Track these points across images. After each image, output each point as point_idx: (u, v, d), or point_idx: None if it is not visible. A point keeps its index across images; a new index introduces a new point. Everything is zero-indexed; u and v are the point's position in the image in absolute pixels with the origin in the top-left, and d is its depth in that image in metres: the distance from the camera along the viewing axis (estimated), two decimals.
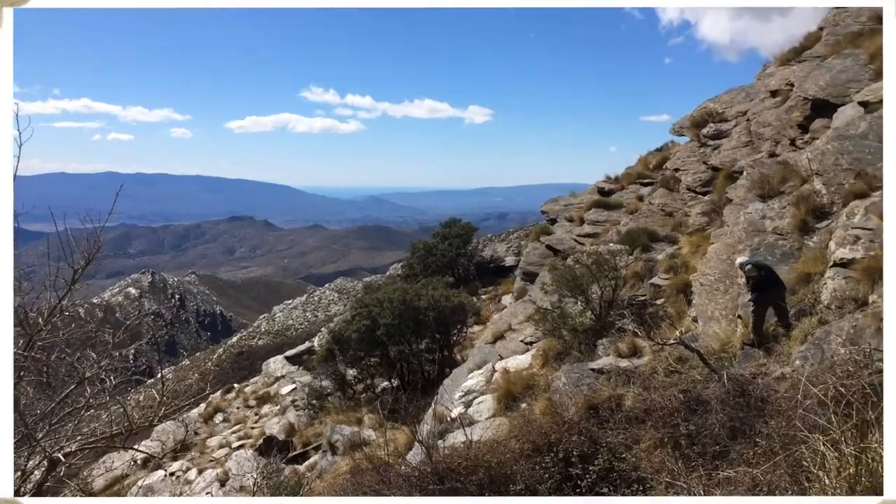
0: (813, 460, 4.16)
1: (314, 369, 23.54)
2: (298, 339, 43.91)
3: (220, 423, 24.96)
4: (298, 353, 31.28)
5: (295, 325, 57.20)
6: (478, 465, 7.24)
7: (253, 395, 27.50)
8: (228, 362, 49.14)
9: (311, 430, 19.21)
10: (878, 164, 10.75)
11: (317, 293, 67.24)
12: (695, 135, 21.15)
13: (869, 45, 14.61)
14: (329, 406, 20.13)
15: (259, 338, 55.16)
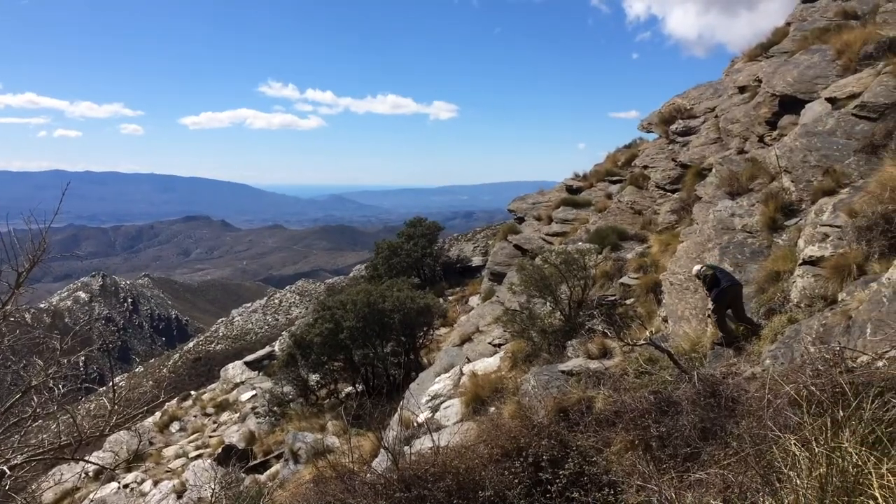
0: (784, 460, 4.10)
1: (275, 375, 23.17)
2: (258, 344, 43.29)
3: (176, 433, 24.41)
4: (258, 359, 30.82)
5: (254, 330, 56.35)
6: (446, 472, 7.11)
7: (211, 402, 26.97)
8: (185, 369, 48.24)
9: (272, 438, 18.82)
10: (845, 160, 10.91)
11: (277, 296, 66.40)
12: (663, 131, 21.33)
13: (836, 40, 14.85)
14: (291, 413, 19.76)
15: (217, 343, 54.19)
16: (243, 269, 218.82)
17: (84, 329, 7.01)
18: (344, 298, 20.35)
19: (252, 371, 29.65)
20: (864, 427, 3.89)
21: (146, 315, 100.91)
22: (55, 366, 5.97)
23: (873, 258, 8.44)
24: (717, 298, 9.48)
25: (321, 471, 9.29)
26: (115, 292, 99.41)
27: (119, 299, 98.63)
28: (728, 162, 14.45)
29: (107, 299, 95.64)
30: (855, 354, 6.06)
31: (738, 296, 9.53)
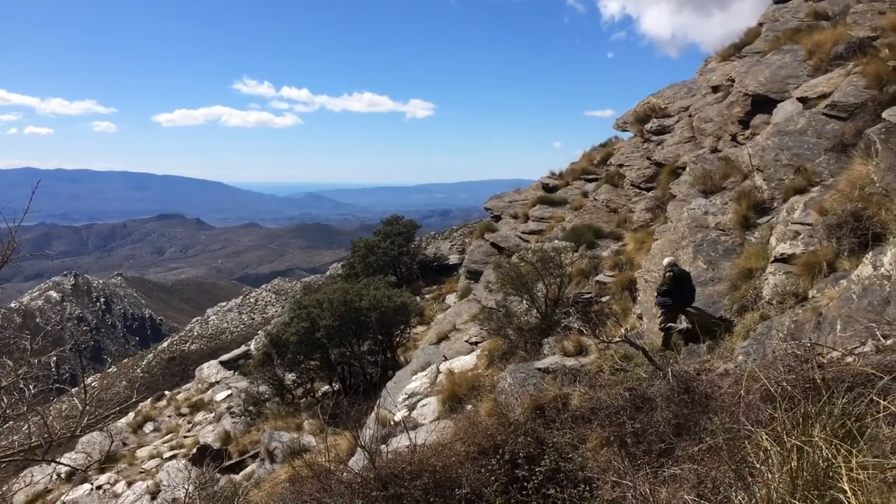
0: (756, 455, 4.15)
1: (251, 374, 22.99)
2: (234, 343, 42.93)
3: (150, 433, 24.15)
4: (234, 358, 30.58)
5: (230, 329, 55.85)
6: (422, 470, 7.10)
7: (185, 402, 26.72)
8: (159, 368, 47.72)
9: (247, 438, 18.67)
10: (816, 159, 11.07)
11: (253, 295, 65.87)
12: (638, 130, 21.49)
13: (807, 41, 15.05)
14: (267, 412, 19.61)
15: (192, 342, 53.63)
16: (218, 268, 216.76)
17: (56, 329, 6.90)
18: (320, 297, 20.23)
19: (227, 370, 29.41)
20: (835, 422, 3.94)
21: (119, 314, 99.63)
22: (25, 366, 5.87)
23: (843, 255, 8.58)
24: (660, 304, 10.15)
25: (297, 470, 9.24)
26: (88, 292, 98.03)
27: (91, 299, 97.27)
28: (702, 160, 14.60)
29: (79, 299, 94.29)
30: (825, 350, 6.14)
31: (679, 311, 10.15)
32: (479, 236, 24.98)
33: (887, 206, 8.47)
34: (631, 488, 5.34)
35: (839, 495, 3.33)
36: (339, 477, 7.71)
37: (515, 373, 10.91)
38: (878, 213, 8.53)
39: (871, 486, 3.28)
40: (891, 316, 6.43)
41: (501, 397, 10.14)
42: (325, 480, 7.64)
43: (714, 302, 10.25)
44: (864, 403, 4.19)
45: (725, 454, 4.80)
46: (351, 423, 12.16)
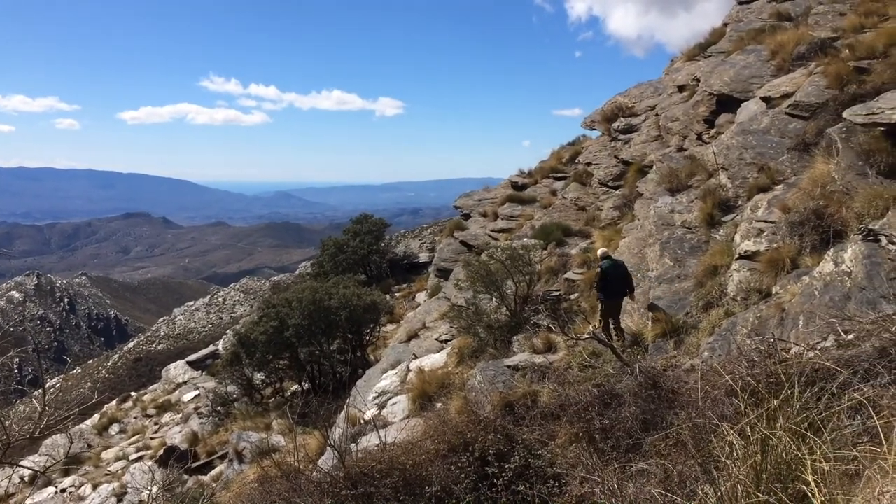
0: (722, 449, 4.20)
1: (219, 374, 22.73)
2: (201, 343, 42.44)
3: (116, 435, 23.77)
4: (201, 358, 30.25)
5: (197, 329, 55.17)
6: (392, 468, 7.08)
7: (152, 403, 26.37)
8: (125, 369, 46.99)
9: (216, 439, 18.47)
10: (779, 158, 11.26)
11: (221, 294, 65.15)
12: (606, 129, 21.66)
13: (770, 41, 15.30)
14: (235, 412, 19.42)
15: (158, 342, 52.88)
16: (185, 267, 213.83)
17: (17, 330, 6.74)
18: (289, 296, 20.08)
19: (195, 371, 29.09)
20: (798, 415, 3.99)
21: (84, 315, 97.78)
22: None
23: (805, 252, 8.73)
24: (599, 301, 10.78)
25: (266, 470, 9.14)
26: (51, 292, 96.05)
27: (55, 299, 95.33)
28: (668, 159, 14.77)
29: (42, 299, 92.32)
30: (788, 346, 6.25)
31: (617, 305, 10.74)
32: (449, 234, 24.99)
33: (848, 203, 8.65)
34: (599, 484, 5.38)
35: (803, 487, 3.38)
36: (309, 476, 7.66)
37: (485, 370, 10.94)
38: (839, 210, 8.70)
39: (834, 478, 3.34)
40: (851, 311, 6.56)
41: (471, 395, 10.16)
42: (295, 480, 7.58)
43: (680, 299, 10.38)
44: (826, 397, 4.26)
45: (692, 448, 4.85)
46: (320, 423, 12.06)
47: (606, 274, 10.51)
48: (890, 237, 7.15)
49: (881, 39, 12.02)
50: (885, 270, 6.86)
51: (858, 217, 8.17)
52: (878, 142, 9.07)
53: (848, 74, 11.69)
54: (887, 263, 6.93)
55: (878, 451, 3.41)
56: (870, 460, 3.41)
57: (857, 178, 8.93)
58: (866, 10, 14.09)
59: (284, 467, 8.24)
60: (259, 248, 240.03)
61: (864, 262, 7.14)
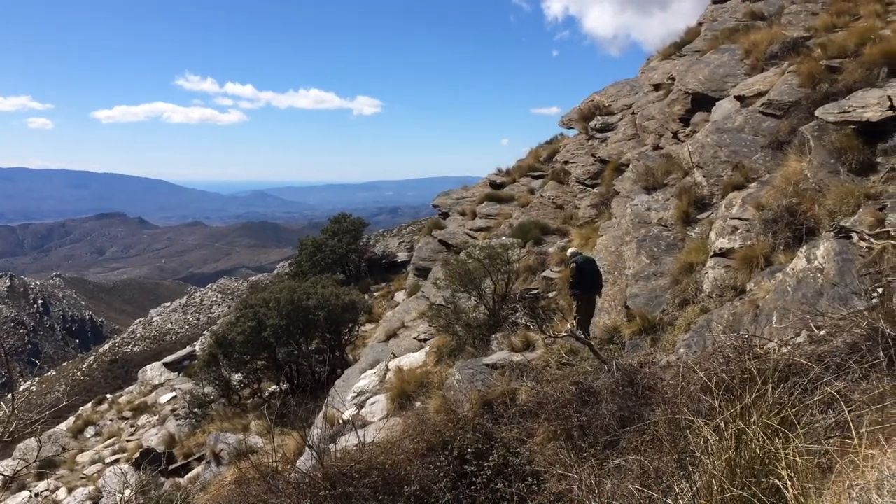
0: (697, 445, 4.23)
1: (196, 375, 22.55)
2: (178, 344, 42.05)
3: (91, 438, 23.53)
4: (178, 359, 30.01)
5: (174, 330, 54.63)
6: (371, 468, 7.06)
7: (128, 405, 26.12)
8: (100, 371, 46.42)
9: (193, 441, 18.32)
10: (753, 156, 11.38)
11: (198, 294, 64.58)
12: (583, 127, 21.78)
13: (744, 40, 15.46)
14: (213, 414, 19.27)
15: (134, 344, 52.30)
16: (162, 268, 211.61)
17: None
18: (267, 296, 19.96)
19: (172, 372, 28.85)
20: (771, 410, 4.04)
21: (58, 317, 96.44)
22: None
23: (779, 249, 8.84)
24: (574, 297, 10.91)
25: (244, 472, 9.08)
26: (25, 293, 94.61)
27: (28, 301, 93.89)
28: (644, 157, 14.87)
29: (15, 301, 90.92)
30: (762, 342, 6.31)
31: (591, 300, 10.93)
32: (428, 233, 24.98)
33: (820, 201, 8.76)
34: (577, 481, 5.40)
35: (776, 481, 3.42)
36: (287, 477, 7.62)
37: (464, 369, 10.95)
38: (812, 208, 8.81)
39: (807, 472, 3.38)
40: (823, 307, 6.64)
41: (450, 394, 10.16)
42: (273, 481, 7.53)
43: (657, 296, 10.46)
44: (798, 392, 4.31)
45: (668, 444, 4.89)
46: (299, 423, 12.00)
47: (582, 269, 10.66)
48: (861, 234, 7.25)
49: (852, 38, 12.19)
50: (856, 267, 6.95)
51: (830, 214, 8.27)
52: (849, 140, 9.20)
53: (820, 73, 11.84)
54: (858, 260, 7.03)
55: (849, 445, 3.46)
56: (841, 454, 3.46)
57: (829, 176, 9.05)
58: (838, 10, 14.28)
59: (262, 468, 8.19)
60: (236, 248, 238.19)
61: (836, 258, 7.23)
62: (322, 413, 13.16)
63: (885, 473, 3.04)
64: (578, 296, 10.86)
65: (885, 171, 8.40)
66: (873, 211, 7.49)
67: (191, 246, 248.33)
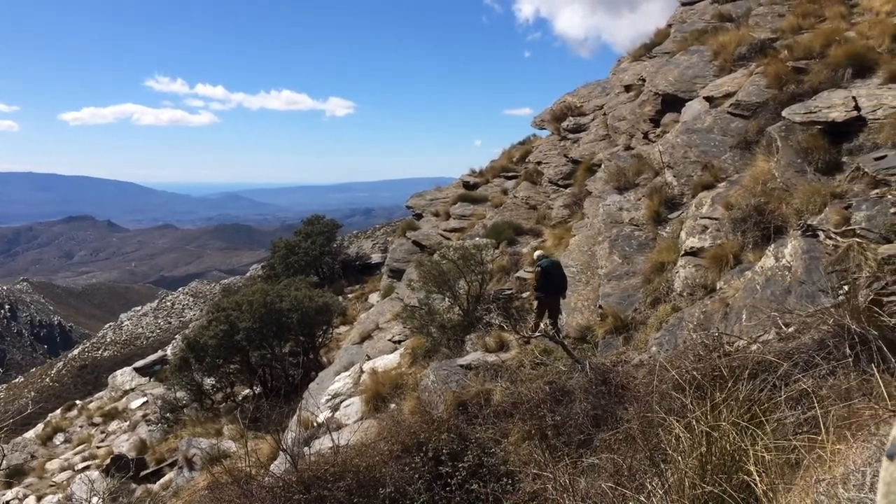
0: (669, 442, 4.27)
1: (167, 380, 22.28)
2: (149, 349, 41.48)
3: (60, 445, 23.13)
4: (149, 364, 29.64)
5: (145, 334, 53.88)
6: (346, 471, 7.03)
7: (98, 411, 25.71)
8: (69, 377, 45.63)
9: (165, 446, 18.09)
10: (722, 156, 11.52)
11: (169, 298, 63.73)
12: (555, 128, 21.90)
13: (713, 42, 15.65)
14: (185, 419, 19.03)
15: (104, 349, 51.50)
16: (132, 271, 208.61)
17: None
18: (240, 299, 19.77)
19: (143, 377, 28.49)
20: (741, 407, 4.08)
21: (25, 322, 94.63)
22: None
23: (748, 248, 8.95)
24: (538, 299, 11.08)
25: (217, 477, 8.98)
26: None
27: None
28: (616, 158, 14.99)
29: None
30: (732, 339, 6.39)
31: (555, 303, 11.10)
32: (402, 235, 24.95)
33: (787, 200, 8.90)
34: (551, 480, 5.42)
35: (746, 477, 3.46)
36: (261, 482, 7.56)
37: (438, 370, 10.95)
38: (779, 207, 8.95)
39: (776, 468, 3.43)
40: (792, 305, 6.74)
41: (425, 395, 10.15)
42: (246, 486, 7.46)
43: (629, 295, 10.55)
44: (767, 389, 4.37)
45: (641, 442, 4.92)
46: (272, 427, 11.90)
47: (548, 272, 10.85)
48: (827, 232, 7.38)
49: (818, 40, 12.39)
50: (823, 265, 7.07)
51: (798, 213, 8.40)
52: (815, 140, 9.35)
53: (787, 74, 12.02)
54: (825, 258, 7.15)
55: (816, 440, 3.51)
56: (808, 449, 3.51)
57: (796, 176, 9.19)
58: (804, 12, 14.51)
59: (236, 473, 8.10)
60: (208, 250, 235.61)
61: (804, 256, 7.35)
62: (296, 416, 13.07)
63: (851, 468, 3.09)
64: (542, 299, 11.04)
65: (850, 170, 8.55)
66: (839, 210, 7.62)
67: (161, 249, 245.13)
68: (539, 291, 11.05)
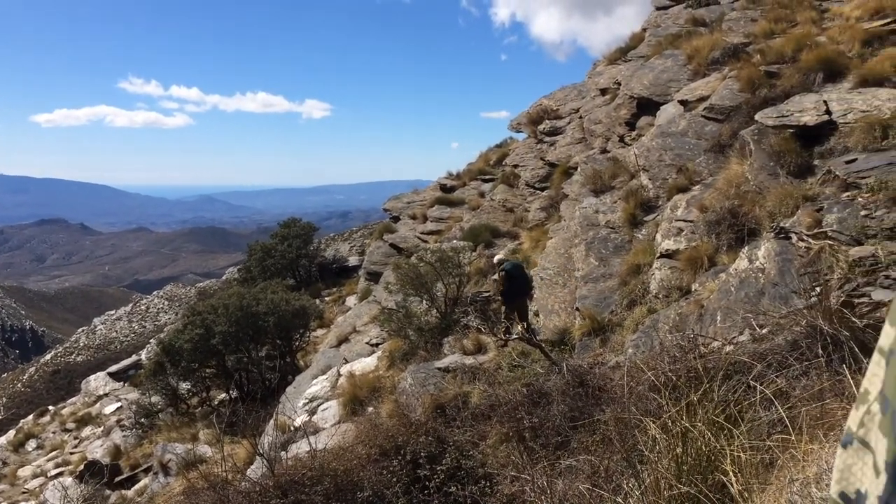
0: (645, 443, 4.30)
1: (142, 385, 22.01)
2: (124, 353, 40.94)
3: (33, 451, 22.78)
4: (124, 369, 29.28)
5: (119, 338, 53.17)
6: (323, 475, 6.99)
7: (72, 416, 25.36)
8: (42, 383, 44.88)
9: (139, 451, 17.89)
10: (696, 159, 11.63)
11: (144, 302, 62.96)
12: (532, 131, 22.01)
13: (687, 46, 15.79)
14: (160, 424, 18.82)
15: (77, 354, 50.73)
16: (106, 275, 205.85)
17: None
18: (215, 302, 19.60)
19: (117, 382, 28.15)
20: (716, 407, 4.12)
21: None
22: None
23: (722, 250, 9.05)
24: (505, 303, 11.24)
25: (192, 482, 8.89)
26: None
27: None
28: (592, 161, 15.07)
29: None
30: (707, 341, 6.45)
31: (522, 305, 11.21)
32: (379, 237, 24.91)
33: (761, 203, 9.00)
34: (529, 482, 5.43)
35: (722, 477, 3.49)
36: (237, 487, 7.48)
37: (416, 373, 10.93)
38: (753, 209, 9.05)
39: (751, 467, 3.46)
40: (765, 306, 6.82)
41: (402, 398, 10.14)
42: (222, 491, 7.38)
43: (605, 297, 10.60)
44: (742, 389, 4.42)
45: (617, 444, 4.94)
46: (249, 431, 11.81)
47: (511, 276, 10.95)
48: (800, 234, 7.48)
49: (790, 44, 12.56)
50: (795, 266, 7.16)
51: (771, 215, 8.50)
52: (787, 143, 9.48)
53: (759, 78, 12.17)
54: (798, 260, 7.24)
55: (789, 440, 3.56)
56: (782, 449, 3.55)
57: (768, 178, 9.31)
58: (776, 17, 14.69)
59: (212, 478, 8.02)
60: (183, 253, 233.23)
61: (777, 258, 7.44)
62: (273, 420, 12.98)
63: (823, 467, 3.13)
64: (508, 303, 11.13)
65: (822, 173, 8.68)
66: (811, 212, 7.73)
67: (136, 252, 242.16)
68: (503, 297, 11.16)
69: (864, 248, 6.68)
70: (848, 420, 0.82)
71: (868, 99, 9.58)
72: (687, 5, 19.64)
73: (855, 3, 13.15)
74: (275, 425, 12.53)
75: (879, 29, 11.72)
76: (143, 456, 17.45)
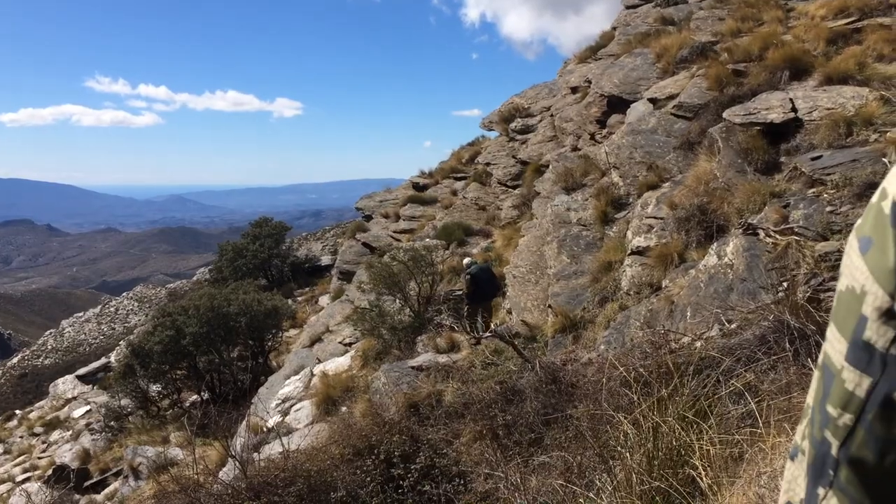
0: (617, 438, 4.33)
1: (111, 387, 21.68)
2: (93, 356, 40.26)
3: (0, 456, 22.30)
4: (93, 371, 28.84)
5: (88, 341, 52.28)
6: (296, 476, 6.95)
7: (39, 420, 24.92)
8: (9, 386, 44.03)
9: (109, 455, 17.61)
10: (666, 156, 11.74)
11: (113, 303, 61.94)
12: (504, 129, 22.06)
13: (656, 45, 15.92)
14: (130, 427, 18.56)
15: (45, 356, 49.80)
16: (73, 277, 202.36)
17: None
18: (186, 303, 19.39)
19: (85, 385, 27.70)
20: (686, 402, 4.16)
21: None
22: None
23: (692, 247, 9.14)
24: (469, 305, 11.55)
25: (163, 485, 8.78)
26: None
27: None
28: (563, 159, 15.15)
29: None
30: (677, 336, 6.51)
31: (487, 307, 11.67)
32: (351, 236, 24.82)
33: (729, 199, 9.12)
34: (503, 479, 5.45)
35: (692, 471, 3.53)
36: (209, 489, 7.41)
37: (389, 372, 10.90)
38: (721, 206, 9.16)
39: (720, 461, 3.51)
40: (734, 302, 6.91)
41: (376, 397, 10.11)
42: (194, 494, 7.31)
43: (578, 294, 10.66)
44: (711, 384, 4.47)
45: (590, 439, 4.97)
46: (221, 433, 11.69)
47: (477, 279, 11.04)
48: (767, 230, 7.58)
49: (756, 43, 12.72)
50: (763, 262, 7.26)
51: (739, 212, 8.61)
52: (755, 140, 9.61)
53: (727, 77, 12.31)
54: (765, 255, 7.34)
55: (757, 433, 3.61)
56: (751, 443, 3.60)
57: (737, 175, 9.42)
58: (743, 16, 14.88)
59: (183, 481, 7.94)
60: (153, 254, 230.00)
61: (745, 254, 7.54)
62: (245, 422, 12.86)
63: None
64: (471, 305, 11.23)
65: (788, 170, 8.81)
66: (778, 208, 7.85)
67: (104, 253, 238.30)
68: (467, 298, 11.26)
69: (829, 244, 6.80)
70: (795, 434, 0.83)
71: (833, 97, 9.74)
72: (655, 4, 19.81)
73: (820, 2, 13.35)
74: (247, 427, 12.41)
75: (843, 27, 11.92)
76: (113, 460, 17.18)
